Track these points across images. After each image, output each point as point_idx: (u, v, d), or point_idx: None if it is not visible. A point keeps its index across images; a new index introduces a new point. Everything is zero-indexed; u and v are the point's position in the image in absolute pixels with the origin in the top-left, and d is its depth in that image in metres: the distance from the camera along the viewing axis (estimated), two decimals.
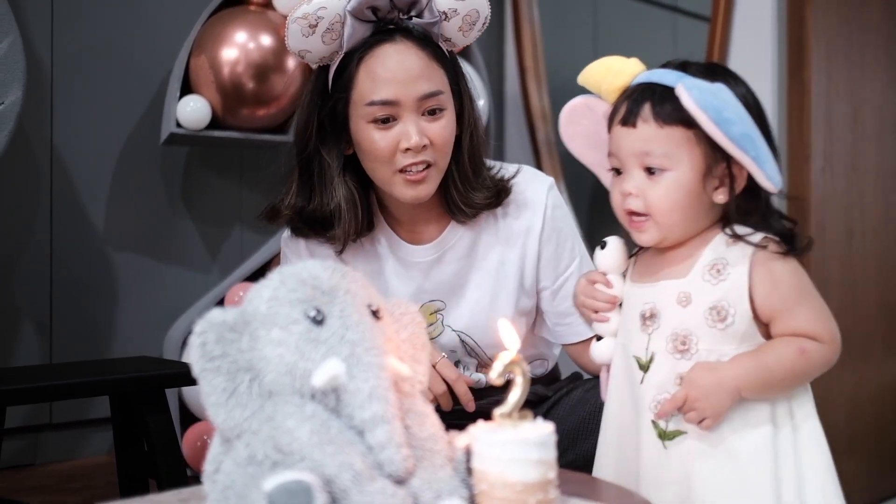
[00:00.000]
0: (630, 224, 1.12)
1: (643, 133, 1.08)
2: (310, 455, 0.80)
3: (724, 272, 1.07)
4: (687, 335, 1.08)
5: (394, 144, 1.35)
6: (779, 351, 1.06)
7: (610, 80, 1.13)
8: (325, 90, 1.39)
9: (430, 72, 1.36)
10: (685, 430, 1.08)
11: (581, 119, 1.19)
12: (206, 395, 0.84)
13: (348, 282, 0.90)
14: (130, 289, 2.24)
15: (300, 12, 1.31)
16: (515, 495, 0.83)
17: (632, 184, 1.09)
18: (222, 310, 0.87)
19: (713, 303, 1.07)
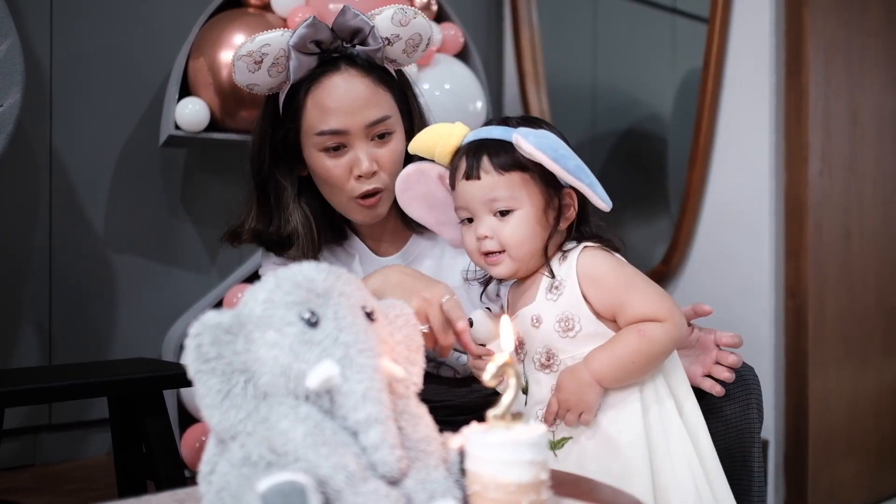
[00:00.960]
0: (486, 262, 1.23)
1: (487, 183, 1.20)
2: (304, 456, 0.81)
3: (560, 288, 1.20)
4: (547, 351, 1.20)
5: (346, 171, 1.38)
6: (622, 339, 1.18)
7: (443, 144, 1.24)
8: (277, 116, 1.42)
9: (376, 98, 1.39)
10: (570, 435, 1.18)
11: (415, 185, 1.30)
12: (202, 396, 0.85)
13: (343, 284, 0.90)
14: (129, 290, 2.24)
15: (244, 50, 1.33)
16: (508, 496, 0.83)
17: (485, 227, 1.21)
18: (217, 312, 0.87)
19: (557, 317, 1.19)
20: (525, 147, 1.16)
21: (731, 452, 1.29)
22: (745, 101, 2.35)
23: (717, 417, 1.29)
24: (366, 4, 1.65)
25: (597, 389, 1.16)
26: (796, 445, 2.28)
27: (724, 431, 1.29)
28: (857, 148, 2.42)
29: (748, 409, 1.28)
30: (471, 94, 2.29)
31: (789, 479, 2.29)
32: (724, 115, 2.39)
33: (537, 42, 2.81)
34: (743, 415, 1.29)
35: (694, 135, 2.41)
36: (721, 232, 2.40)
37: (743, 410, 1.28)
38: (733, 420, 1.29)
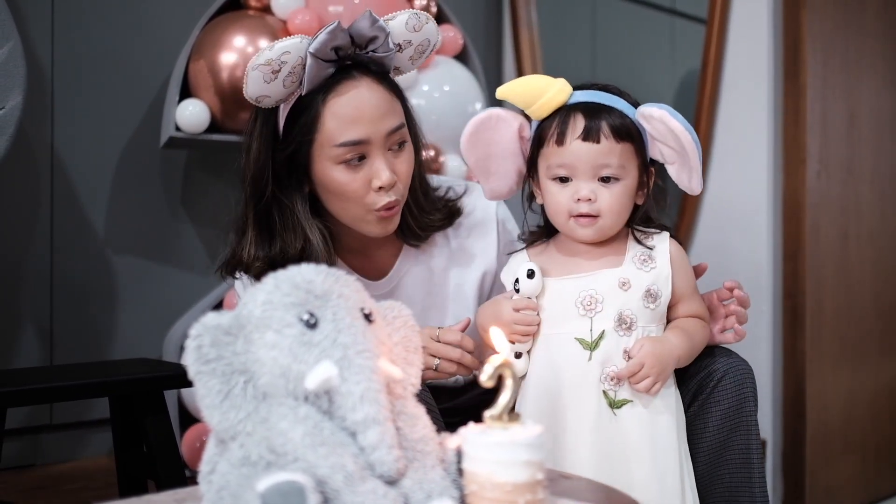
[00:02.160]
0: (577, 222, 1.26)
1: (604, 147, 1.24)
2: (303, 456, 0.82)
3: (651, 262, 1.27)
4: (629, 315, 1.24)
5: (366, 184, 1.33)
6: (696, 329, 1.28)
7: (548, 98, 1.26)
8: (276, 134, 1.35)
9: (392, 106, 1.36)
10: (630, 399, 1.23)
11: (485, 130, 1.33)
12: (202, 397, 0.86)
13: (341, 286, 0.91)
14: (130, 291, 2.25)
15: (262, 59, 1.26)
16: (505, 496, 0.84)
17: (587, 190, 1.24)
18: (217, 313, 0.88)
19: (647, 286, 1.25)
20: (671, 124, 1.22)
21: (729, 445, 1.30)
22: (743, 103, 2.36)
23: (715, 410, 1.30)
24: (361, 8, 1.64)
25: (675, 364, 1.24)
26: (794, 445, 2.29)
27: (721, 424, 1.30)
28: (854, 149, 2.43)
29: (745, 401, 1.30)
30: (470, 95, 2.30)
31: (787, 479, 2.30)
32: (722, 117, 2.40)
33: (536, 43, 2.82)
34: (739, 407, 1.30)
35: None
36: (719, 233, 2.41)
37: (739, 403, 1.29)
38: (731, 412, 1.30)
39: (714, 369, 1.30)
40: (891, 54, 2.53)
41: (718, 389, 1.30)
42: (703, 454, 1.32)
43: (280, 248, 1.37)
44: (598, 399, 1.23)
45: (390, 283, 1.47)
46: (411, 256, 1.48)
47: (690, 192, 1.29)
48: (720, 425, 1.30)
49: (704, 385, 1.31)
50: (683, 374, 1.32)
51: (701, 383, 1.31)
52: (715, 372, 1.30)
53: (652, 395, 1.23)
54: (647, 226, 1.31)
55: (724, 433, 1.30)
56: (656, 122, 1.24)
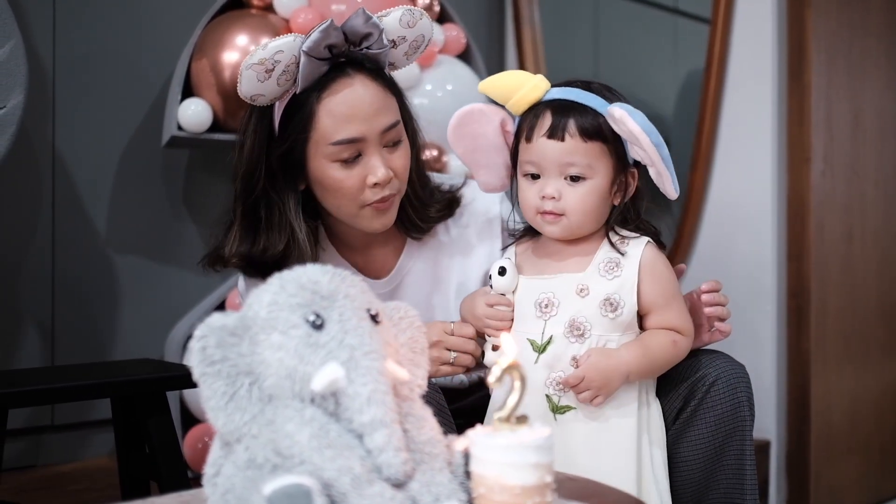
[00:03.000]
0: (542, 219, 1.26)
1: (568, 146, 1.23)
2: (309, 459, 0.81)
3: (617, 269, 1.24)
4: (583, 322, 1.23)
5: (361, 181, 1.34)
6: (657, 341, 1.24)
7: (524, 94, 1.25)
8: (271, 131, 1.36)
9: (387, 103, 1.36)
10: (574, 406, 1.23)
11: (470, 123, 1.33)
12: (207, 398, 0.85)
13: (347, 286, 0.90)
14: (132, 291, 2.24)
15: (255, 58, 1.27)
16: (514, 499, 0.83)
17: (552, 188, 1.24)
18: (222, 314, 0.88)
19: (607, 295, 1.23)
20: (630, 124, 1.19)
21: (725, 451, 1.29)
22: (747, 102, 2.35)
23: (709, 416, 1.29)
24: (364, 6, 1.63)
25: (622, 379, 1.22)
26: (798, 445, 2.28)
27: (715, 430, 1.28)
28: (858, 149, 2.42)
29: (739, 406, 1.28)
30: (473, 95, 2.28)
31: (791, 479, 2.29)
32: (725, 116, 2.39)
33: (539, 43, 2.81)
34: (734, 413, 1.28)
35: (696, 136, 2.41)
36: (723, 233, 2.40)
37: (734, 408, 1.28)
38: (725, 418, 1.28)
39: (706, 374, 1.29)
40: (894, 54, 2.52)
41: (711, 394, 1.28)
42: (698, 460, 1.30)
43: (263, 245, 1.37)
44: (541, 402, 1.24)
45: (393, 281, 1.46)
46: (414, 253, 1.48)
47: (668, 196, 1.26)
48: (715, 431, 1.29)
49: (696, 389, 1.29)
50: (674, 378, 1.30)
51: (692, 387, 1.29)
52: (707, 376, 1.28)
53: (594, 406, 1.22)
54: (627, 227, 1.28)
55: (720, 439, 1.29)
56: (619, 123, 1.21)
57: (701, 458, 1.30)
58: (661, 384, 1.31)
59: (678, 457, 1.31)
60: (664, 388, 1.31)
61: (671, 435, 1.31)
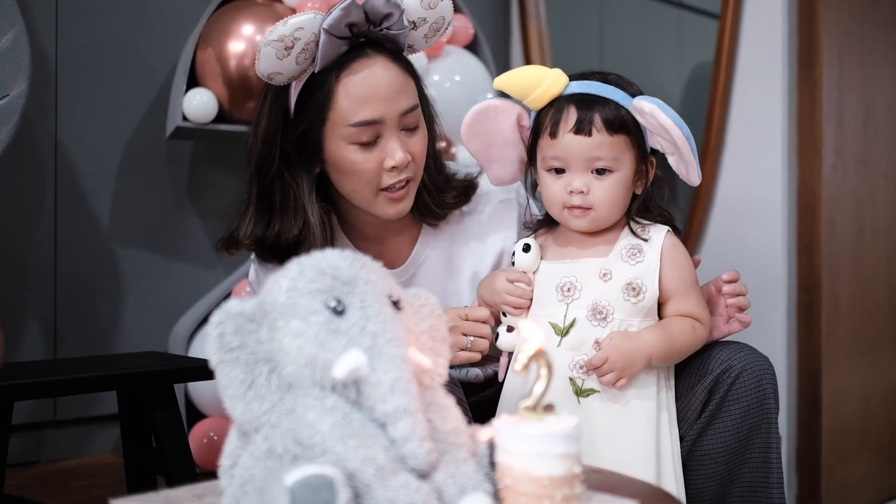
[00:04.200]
0: (570, 213, 1.26)
1: (595, 140, 1.23)
2: (332, 448, 0.79)
3: (639, 255, 1.25)
4: (605, 306, 1.23)
5: (378, 164, 1.32)
6: (680, 327, 1.25)
7: (544, 89, 1.25)
8: (287, 113, 1.33)
9: (406, 85, 1.34)
10: (598, 389, 1.23)
11: (485, 120, 1.32)
12: (224, 387, 0.82)
13: (368, 272, 0.88)
14: (135, 284, 2.22)
15: (275, 35, 1.24)
16: (541, 490, 0.81)
17: (580, 182, 1.24)
18: (240, 300, 0.85)
19: (629, 279, 1.23)
20: (661, 119, 1.20)
21: (749, 443, 1.27)
22: (758, 95, 2.33)
23: (734, 408, 1.27)
24: None
25: (645, 362, 1.22)
26: (809, 441, 2.26)
27: (740, 422, 1.27)
28: (869, 142, 2.40)
29: (764, 398, 1.26)
30: (481, 86, 2.27)
31: (801, 476, 2.27)
32: (735, 109, 2.37)
33: (545, 35, 2.79)
34: (759, 405, 1.26)
35: (705, 128, 2.38)
36: (733, 226, 2.38)
37: (759, 401, 1.26)
38: (751, 410, 1.26)
39: (731, 365, 1.27)
40: None
41: (737, 386, 1.26)
42: (722, 454, 1.28)
43: (277, 229, 1.35)
44: (565, 386, 1.23)
45: (408, 271, 1.45)
46: (429, 242, 1.46)
47: (689, 182, 1.27)
48: (740, 424, 1.27)
49: (721, 381, 1.27)
50: (698, 371, 1.29)
51: (717, 379, 1.27)
52: (732, 368, 1.26)
53: (617, 388, 1.21)
54: (647, 216, 1.29)
55: (745, 431, 1.27)
56: (648, 117, 1.22)
57: (725, 451, 1.28)
58: (685, 377, 1.30)
59: (702, 450, 1.29)
60: (687, 381, 1.30)
61: (696, 429, 1.29)
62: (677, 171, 1.28)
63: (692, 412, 1.29)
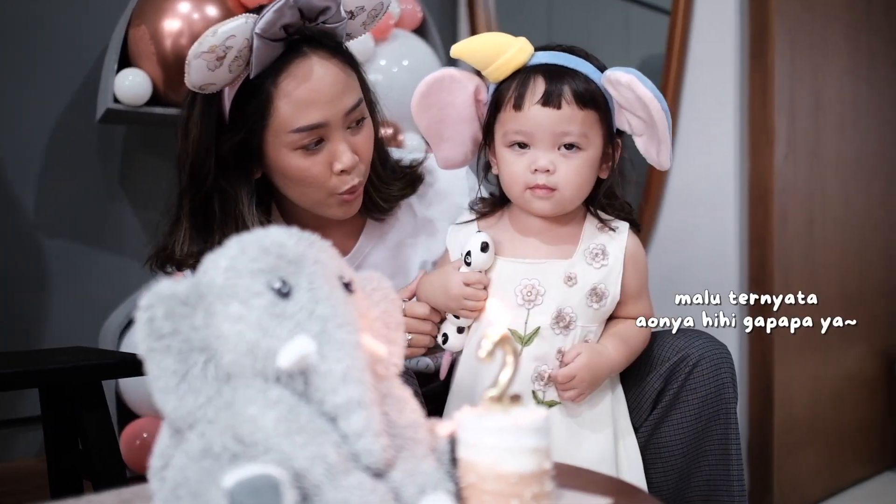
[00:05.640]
0: (533, 194, 1.17)
1: (565, 114, 1.14)
2: (276, 446, 0.71)
3: (603, 257, 1.19)
4: (569, 313, 1.17)
5: (326, 168, 1.25)
6: (635, 333, 1.21)
7: (507, 59, 1.16)
8: (221, 119, 1.26)
9: (348, 81, 1.26)
10: (559, 401, 1.18)
11: (438, 92, 1.22)
12: (154, 378, 0.74)
13: (317, 251, 0.80)
14: (63, 278, 2.12)
15: (206, 46, 1.15)
16: (509, 488, 0.74)
17: (546, 160, 1.15)
18: (173, 281, 0.76)
19: (594, 284, 1.18)
20: (639, 90, 1.12)
21: (708, 435, 1.23)
22: (710, 84, 2.30)
23: (692, 398, 1.22)
24: None
25: (608, 376, 1.19)
26: (761, 435, 2.24)
27: (699, 413, 1.22)
28: (819, 133, 2.40)
29: (723, 388, 1.22)
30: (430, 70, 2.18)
31: (753, 469, 2.25)
32: (687, 99, 2.34)
33: (493, 24, 2.75)
34: (718, 395, 1.22)
35: None
36: (684, 219, 2.36)
37: (718, 390, 1.22)
38: (709, 400, 1.22)
39: (688, 353, 1.22)
40: (853, 37, 2.51)
41: (694, 376, 1.22)
42: (681, 445, 1.24)
43: (219, 240, 1.25)
44: (526, 398, 1.16)
45: (352, 263, 1.37)
46: (374, 235, 1.40)
47: (659, 166, 1.20)
48: (698, 414, 1.23)
49: (678, 370, 1.23)
50: (653, 359, 1.25)
51: (674, 368, 1.23)
52: (689, 357, 1.22)
53: (576, 402, 1.17)
54: (609, 207, 1.24)
55: (703, 423, 1.23)
56: (623, 89, 1.14)
57: (684, 443, 1.24)
58: (638, 364, 1.25)
59: (660, 442, 1.25)
60: (641, 368, 1.26)
61: (652, 419, 1.25)
62: (645, 153, 1.21)
63: (646, 401, 1.25)
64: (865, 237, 2.54)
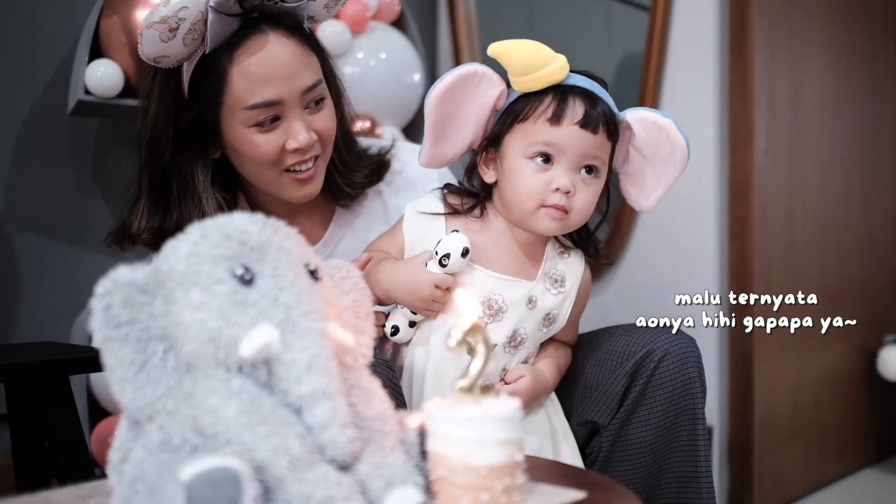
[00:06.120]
0: (546, 212, 1.15)
1: (598, 140, 1.15)
2: (237, 438, 0.68)
3: (561, 284, 1.21)
4: (522, 334, 1.18)
5: (280, 146, 1.24)
6: (565, 358, 1.26)
7: (550, 72, 1.14)
8: (179, 95, 1.26)
9: (306, 60, 1.25)
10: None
11: (462, 89, 1.17)
12: (111, 368, 0.72)
13: (282, 237, 0.78)
14: (33, 273, 2.08)
15: (157, 16, 1.14)
16: (479, 481, 0.72)
17: (569, 180, 1.14)
18: (131, 267, 0.74)
19: (549, 310, 1.19)
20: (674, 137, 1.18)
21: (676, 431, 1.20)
22: (689, 79, 2.29)
23: (658, 394, 1.20)
24: None
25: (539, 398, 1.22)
26: (741, 432, 2.23)
27: (666, 409, 1.20)
28: (799, 128, 2.39)
29: (689, 383, 1.19)
30: (408, 64, 2.17)
31: (733, 467, 2.24)
32: (667, 94, 2.33)
33: (473, 19, 2.72)
34: (684, 390, 1.19)
35: None
36: (664, 214, 2.33)
37: (684, 385, 1.19)
38: (676, 396, 1.19)
39: (654, 349, 1.20)
40: (833, 34, 2.51)
41: (660, 371, 1.19)
42: (648, 443, 1.21)
43: (176, 218, 1.27)
44: None
45: (321, 252, 1.36)
46: (345, 222, 1.38)
47: (639, 208, 1.24)
48: (665, 411, 1.20)
49: (644, 366, 1.20)
50: (618, 354, 1.22)
51: (639, 364, 1.20)
52: (655, 352, 1.19)
53: None
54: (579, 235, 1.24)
55: (670, 419, 1.20)
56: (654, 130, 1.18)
57: (651, 441, 1.21)
58: (604, 361, 1.24)
59: (627, 440, 1.22)
60: (607, 365, 1.23)
61: (619, 417, 1.22)
62: (626, 193, 1.24)
63: (613, 399, 1.22)
64: (844, 232, 2.54)
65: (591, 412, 1.24)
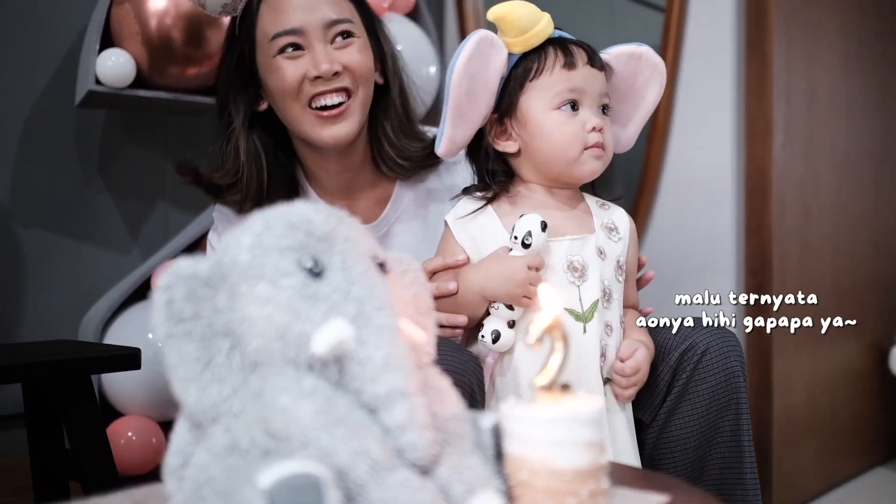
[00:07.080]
0: (591, 153, 1.16)
1: (603, 78, 1.19)
2: (314, 440, 0.64)
3: (616, 231, 1.20)
4: (608, 286, 1.16)
5: (301, 74, 1.30)
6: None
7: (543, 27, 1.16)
8: (234, 39, 1.39)
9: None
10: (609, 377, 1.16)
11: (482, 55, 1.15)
12: (174, 367, 0.67)
13: (347, 228, 0.73)
14: (40, 270, 2.03)
15: None
16: (564, 485, 0.68)
17: (600, 119, 1.17)
18: (193, 259, 0.69)
19: (616, 257, 1.19)
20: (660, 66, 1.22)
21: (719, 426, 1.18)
22: (706, 72, 2.27)
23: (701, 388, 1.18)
24: None
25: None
26: (760, 428, 2.21)
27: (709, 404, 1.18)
28: (813, 121, 2.38)
29: (733, 377, 1.17)
30: (423, 55, 2.14)
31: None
32: (682, 88, 2.30)
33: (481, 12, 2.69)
34: (728, 384, 1.17)
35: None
36: (681, 208, 2.31)
37: (728, 379, 1.17)
38: (719, 390, 1.17)
39: (694, 342, 1.18)
40: (846, 30, 2.50)
41: (703, 365, 1.17)
42: (692, 438, 1.19)
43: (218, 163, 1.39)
44: (597, 376, 1.12)
45: (380, 228, 1.38)
46: (402, 200, 1.40)
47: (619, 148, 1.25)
48: (709, 405, 1.18)
49: (686, 360, 1.18)
50: (660, 348, 1.20)
51: (681, 357, 1.18)
52: (696, 345, 1.17)
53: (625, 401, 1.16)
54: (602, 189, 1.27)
55: (714, 413, 1.18)
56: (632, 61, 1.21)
57: (695, 436, 1.19)
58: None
59: (670, 436, 1.21)
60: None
61: (663, 413, 1.21)
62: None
63: (658, 394, 1.20)
64: (856, 227, 2.54)
65: (636, 409, 1.21)
